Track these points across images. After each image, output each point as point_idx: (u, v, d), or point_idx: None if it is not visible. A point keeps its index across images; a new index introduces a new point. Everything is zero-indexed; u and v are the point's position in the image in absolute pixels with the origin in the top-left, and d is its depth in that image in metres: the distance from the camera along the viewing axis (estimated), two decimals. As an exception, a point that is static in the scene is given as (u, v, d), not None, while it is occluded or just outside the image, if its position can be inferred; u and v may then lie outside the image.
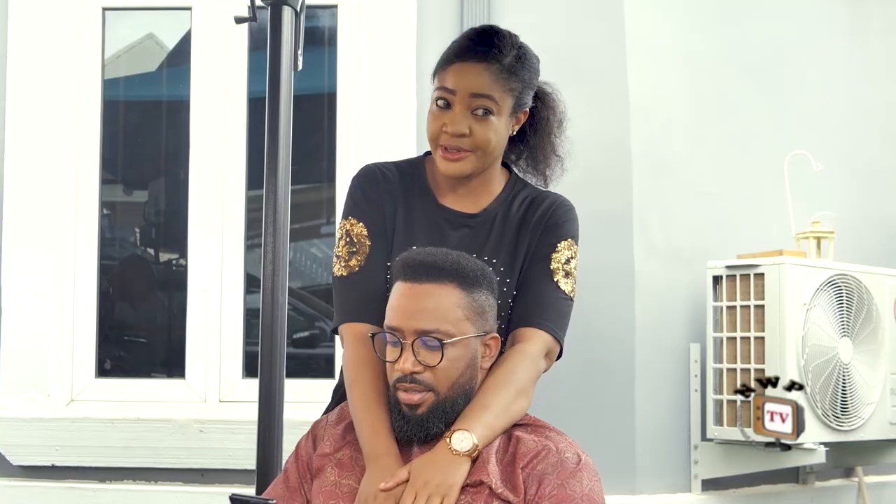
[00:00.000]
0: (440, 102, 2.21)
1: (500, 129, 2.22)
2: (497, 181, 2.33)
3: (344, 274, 2.28)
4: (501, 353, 2.17)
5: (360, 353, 2.20)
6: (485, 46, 2.21)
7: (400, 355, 2.03)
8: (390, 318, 2.06)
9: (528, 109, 2.29)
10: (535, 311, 2.22)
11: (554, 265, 2.25)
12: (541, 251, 2.26)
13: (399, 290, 2.06)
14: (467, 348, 2.05)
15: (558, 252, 2.26)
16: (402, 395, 2.03)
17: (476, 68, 2.18)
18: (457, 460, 1.98)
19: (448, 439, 2.00)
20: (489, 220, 2.29)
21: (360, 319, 2.23)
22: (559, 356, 2.26)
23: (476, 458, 2.01)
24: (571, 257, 2.28)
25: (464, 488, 1.98)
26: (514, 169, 2.40)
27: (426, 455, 2.01)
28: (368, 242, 2.27)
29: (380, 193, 2.30)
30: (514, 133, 2.30)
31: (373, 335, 2.10)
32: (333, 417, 2.20)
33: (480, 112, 2.18)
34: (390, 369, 2.06)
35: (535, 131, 2.36)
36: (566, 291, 2.25)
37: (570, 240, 2.28)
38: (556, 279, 2.25)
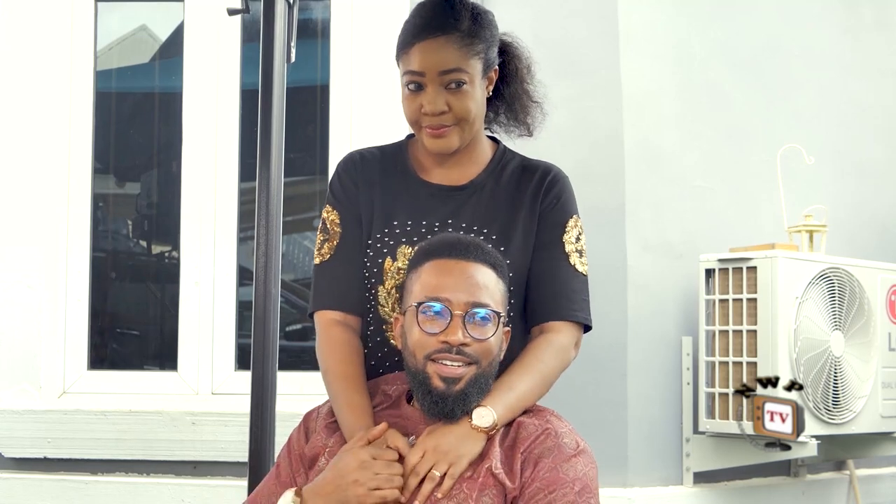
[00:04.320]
0: (411, 86, 2.20)
1: (477, 95, 2.21)
2: (483, 152, 2.32)
3: (317, 262, 2.29)
4: (510, 346, 2.17)
5: (332, 338, 2.21)
6: (439, 18, 2.19)
7: (447, 326, 1.99)
8: (436, 290, 2.01)
9: (497, 66, 2.28)
10: (563, 302, 2.24)
11: (568, 248, 2.27)
12: (550, 234, 2.26)
13: (441, 265, 2.04)
14: (501, 330, 2.06)
15: (568, 233, 2.27)
16: (442, 369, 1.99)
17: (437, 43, 2.17)
18: (474, 434, 1.99)
19: (470, 413, 2.00)
20: (477, 191, 2.28)
21: (330, 307, 2.25)
22: (588, 329, 2.29)
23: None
24: (580, 234, 2.30)
25: None
26: (498, 128, 2.39)
27: (445, 425, 2.00)
28: (339, 230, 2.28)
29: (355, 179, 2.30)
30: (490, 93, 2.29)
31: (417, 304, 2.02)
32: (325, 409, 2.19)
33: (454, 85, 2.18)
34: (426, 342, 2.00)
35: (508, 83, 2.35)
36: (583, 272, 2.28)
37: (574, 216, 2.30)
38: (572, 262, 2.27)
